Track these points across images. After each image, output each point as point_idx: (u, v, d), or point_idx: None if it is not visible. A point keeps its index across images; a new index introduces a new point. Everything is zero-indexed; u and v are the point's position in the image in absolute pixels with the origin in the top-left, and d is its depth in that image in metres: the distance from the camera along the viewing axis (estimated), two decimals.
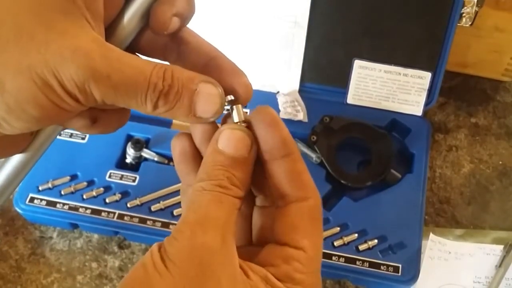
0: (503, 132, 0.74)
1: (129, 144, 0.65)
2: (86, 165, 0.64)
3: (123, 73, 0.25)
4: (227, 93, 0.28)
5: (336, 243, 0.59)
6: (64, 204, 0.61)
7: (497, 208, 0.67)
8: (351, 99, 0.69)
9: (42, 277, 0.62)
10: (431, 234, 0.63)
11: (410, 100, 0.68)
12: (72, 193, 0.62)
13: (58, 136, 0.30)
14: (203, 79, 0.27)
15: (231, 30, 0.68)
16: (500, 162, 0.71)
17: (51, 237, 0.65)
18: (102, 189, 0.62)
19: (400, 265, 0.58)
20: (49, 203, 0.61)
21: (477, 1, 0.62)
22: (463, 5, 0.63)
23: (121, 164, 0.65)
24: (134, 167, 0.65)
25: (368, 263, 0.58)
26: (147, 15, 0.28)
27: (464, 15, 0.63)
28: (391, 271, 0.57)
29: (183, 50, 0.30)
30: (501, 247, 0.63)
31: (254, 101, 0.29)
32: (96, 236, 0.65)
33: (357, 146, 0.67)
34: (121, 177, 0.63)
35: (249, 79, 0.29)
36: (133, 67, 0.25)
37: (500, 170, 0.70)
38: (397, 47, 0.67)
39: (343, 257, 0.58)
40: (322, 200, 0.64)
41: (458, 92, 0.77)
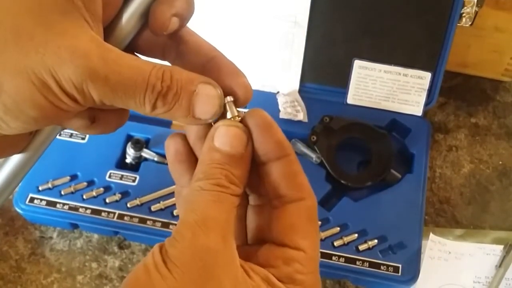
0: (503, 132, 0.74)
1: (129, 144, 0.65)
2: (86, 165, 0.64)
3: (121, 74, 0.25)
4: (226, 94, 0.28)
5: (336, 243, 0.59)
6: (64, 204, 0.61)
7: (497, 208, 0.67)
8: (351, 99, 0.69)
9: (42, 277, 0.62)
10: (431, 234, 0.63)
11: (410, 100, 0.68)
12: (72, 193, 0.62)
13: (58, 136, 0.30)
14: (202, 80, 0.27)
15: (231, 30, 0.68)
16: (500, 162, 0.71)
17: (51, 237, 0.65)
18: (102, 189, 0.62)
19: (400, 265, 0.58)
20: (49, 203, 0.61)
21: (477, 1, 0.62)
22: (463, 5, 0.63)
23: (121, 164, 0.65)
24: (134, 167, 0.65)
25: (368, 263, 0.58)
26: (145, 15, 0.28)
27: (464, 15, 0.63)
28: (391, 271, 0.57)
29: (182, 50, 0.30)
30: (501, 247, 0.63)
31: (254, 102, 0.29)
32: (96, 236, 0.65)
33: (357, 146, 0.67)
34: (121, 177, 0.63)
35: (248, 79, 0.29)
36: (132, 67, 0.25)
37: (500, 170, 0.70)
38: (397, 47, 0.67)
39: (343, 257, 0.58)
40: (322, 200, 0.65)
41: (458, 92, 0.77)
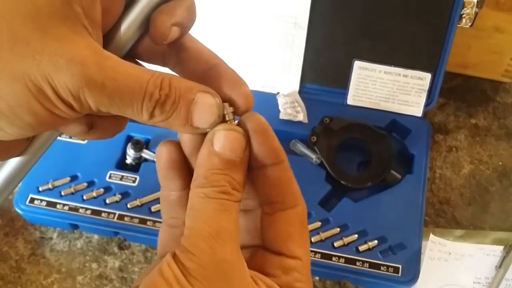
0: (503, 133, 0.74)
1: (129, 144, 0.65)
2: (86, 165, 0.64)
3: (119, 82, 0.24)
4: (226, 102, 0.28)
5: (336, 244, 0.59)
6: (64, 205, 0.61)
7: (497, 209, 0.67)
8: (351, 100, 0.69)
9: (42, 277, 0.62)
10: (431, 235, 0.63)
11: (410, 101, 0.68)
12: (72, 193, 0.62)
13: (58, 137, 0.30)
14: (201, 89, 0.26)
15: (231, 31, 0.68)
16: (500, 163, 0.71)
17: (51, 238, 0.65)
18: (102, 189, 0.62)
19: (400, 266, 0.58)
20: (49, 203, 0.61)
21: (477, 2, 0.62)
22: (463, 6, 0.63)
23: (121, 165, 0.65)
24: (134, 167, 0.65)
25: (368, 264, 0.58)
26: (146, 23, 0.28)
27: (464, 16, 0.63)
28: (391, 272, 0.57)
29: (182, 57, 0.29)
30: (501, 247, 0.63)
31: (255, 102, 0.29)
32: (96, 236, 0.65)
33: (357, 147, 0.67)
34: (121, 178, 0.63)
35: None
36: (129, 75, 0.25)
37: (500, 171, 0.70)
38: (397, 48, 0.67)
39: (343, 257, 0.58)
40: (322, 201, 0.65)
41: (458, 93, 0.77)
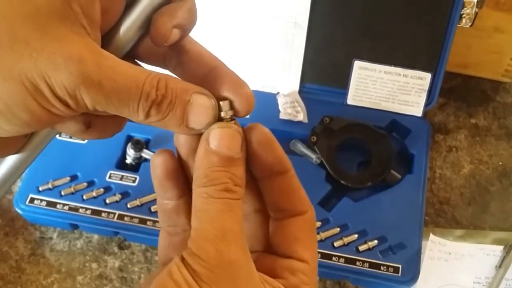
0: (503, 133, 0.74)
1: (129, 144, 0.65)
2: (86, 165, 0.64)
3: (115, 81, 0.24)
4: (226, 100, 0.28)
5: (336, 244, 0.59)
6: (64, 205, 0.61)
7: (497, 209, 0.67)
8: (351, 99, 0.69)
9: (42, 277, 0.62)
10: (431, 235, 0.63)
11: (410, 101, 0.68)
12: (72, 193, 0.62)
13: (58, 137, 0.30)
14: (197, 90, 0.27)
15: (231, 31, 0.68)
16: (500, 163, 0.71)
17: (51, 238, 0.65)
18: (102, 189, 0.62)
19: (400, 266, 0.58)
20: (49, 203, 0.61)
21: (477, 2, 0.62)
22: (463, 6, 0.63)
23: (121, 165, 0.65)
24: (134, 167, 0.65)
25: (368, 264, 0.58)
26: (146, 24, 0.28)
27: (464, 16, 0.63)
28: (391, 272, 0.57)
29: (183, 59, 0.30)
30: (501, 247, 0.63)
31: (255, 102, 0.29)
32: (96, 236, 0.65)
33: (357, 147, 0.67)
34: (121, 178, 0.63)
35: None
36: (126, 75, 0.25)
37: (500, 171, 0.70)
38: (397, 48, 0.67)
39: (343, 257, 0.58)
40: (322, 201, 0.65)
41: (458, 93, 0.77)
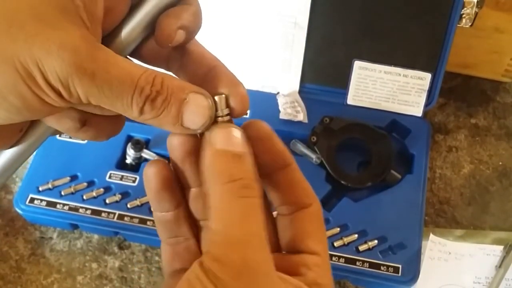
0: (503, 133, 0.74)
1: (129, 144, 0.65)
2: (86, 165, 0.64)
3: (109, 73, 0.24)
4: (219, 95, 0.27)
5: (336, 244, 0.59)
6: (64, 205, 0.61)
7: (497, 209, 0.67)
8: (351, 100, 0.69)
9: (42, 277, 0.62)
10: (431, 235, 0.63)
11: (410, 101, 0.68)
12: (72, 193, 0.62)
13: (58, 137, 0.30)
14: (193, 89, 0.26)
15: (231, 31, 0.68)
16: (500, 163, 0.71)
17: (51, 238, 0.65)
18: (102, 189, 0.62)
19: (400, 266, 0.58)
20: (49, 203, 0.61)
21: (477, 2, 0.62)
22: (463, 6, 0.63)
23: (121, 165, 0.65)
24: (134, 167, 0.65)
25: (368, 264, 0.58)
26: (151, 25, 0.28)
27: (464, 16, 0.63)
28: (391, 272, 0.57)
29: (185, 60, 0.30)
30: (501, 247, 0.63)
31: (255, 102, 0.29)
32: (96, 236, 0.65)
33: (357, 147, 0.67)
34: (121, 178, 0.63)
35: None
36: (121, 68, 0.25)
37: (500, 171, 0.70)
38: (397, 48, 0.67)
39: (343, 257, 0.58)
40: (322, 201, 0.65)
41: (458, 93, 0.77)
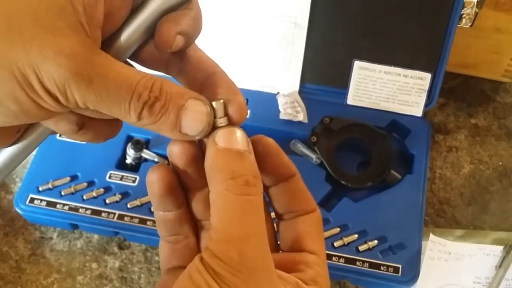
0: (503, 133, 0.74)
1: (129, 144, 0.65)
2: (86, 165, 0.64)
3: (106, 79, 0.24)
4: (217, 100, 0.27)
5: (336, 244, 0.59)
6: (64, 205, 0.61)
7: (497, 209, 0.67)
8: (351, 100, 0.69)
9: (42, 277, 0.62)
10: (431, 235, 0.63)
11: (410, 101, 0.68)
12: (72, 193, 0.62)
13: (57, 137, 0.30)
14: (192, 95, 0.26)
15: (231, 31, 0.68)
16: (500, 163, 0.71)
17: (51, 238, 0.65)
18: (102, 189, 0.62)
19: (400, 266, 0.58)
20: (49, 203, 0.61)
21: (477, 2, 0.62)
22: (463, 6, 0.63)
23: (121, 165, 0.65)
24: (134, 167, 0.65)
25: (368, 264, 0.58)
26: (150, 30, 0.28)
27: (464, 16, 0.63)
28: (391, 272, 0.57)
29: (184, 65, 0.30)
30: (501, 247, 0.63)
31: (255, 102, 0.29)
32: (96, 236, 0.65)
33: (357, 147, 0.67)
34: (121, 178, 0.63)
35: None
36: (119, 74, 0.25)
37: (500, 171, 0.70)
38: (397, 48, 0.67)
39: (343, 257, 0.58)
40: (322, 201, 0.65)
41: (458, 93, 0.77)
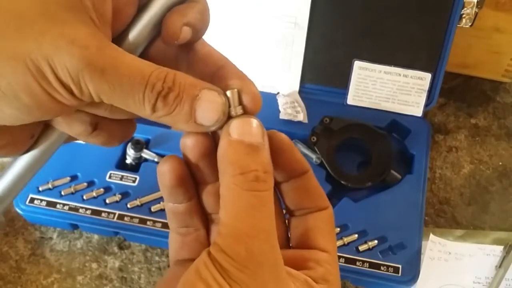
0: (503, 133, 0.74)
1: (129, 144, 0.65)
2: (86, 165, 0.64)
3: (120, 69, 0.24)
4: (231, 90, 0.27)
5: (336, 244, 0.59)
6: (64, 205, 0.61)
7: (497, 209, 0.67)
8: (351, 100, 0.69)
9: (42, 277, 0.62)
10: (431, 235, 0.63)
11: (410, 101, 0.68)
12: (72, 193, 0.62)
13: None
14: (206, 86, 0.26)
15: (231, 31, 0.68)
16: (500, 163, 0.71)
17: (51, 238, 0.65)
18: (102, 189, 0.62)
19: (400, 266, 0.58)
20: (49, 203, 0.61)
21: (477, 2, 0.62)
22: (463, 6, 0.63)
23: (121, 165, 0.65)
24: (134, 167, 0.65)
25: (368, 264, 0.58)
26: (158, 25, 0.28)
27: (464, 16, 0.64)
28: (391, 272, 0.57)
29: (191, 59, 0.30)
30: (501, 247, 0.63)
31: None
32: (96, 236, 0.65)
33: (357, 147, 0.67)
34: (121, 178, 0.63)
35: (257, 88, 0.29)
36: (132, 65, 0.25)
37: (500, 171, 0.70)
38: (397, 48, 0.67)
39: (343, 257, 0.58)
40: None
41: (458, 93, 0.77)
